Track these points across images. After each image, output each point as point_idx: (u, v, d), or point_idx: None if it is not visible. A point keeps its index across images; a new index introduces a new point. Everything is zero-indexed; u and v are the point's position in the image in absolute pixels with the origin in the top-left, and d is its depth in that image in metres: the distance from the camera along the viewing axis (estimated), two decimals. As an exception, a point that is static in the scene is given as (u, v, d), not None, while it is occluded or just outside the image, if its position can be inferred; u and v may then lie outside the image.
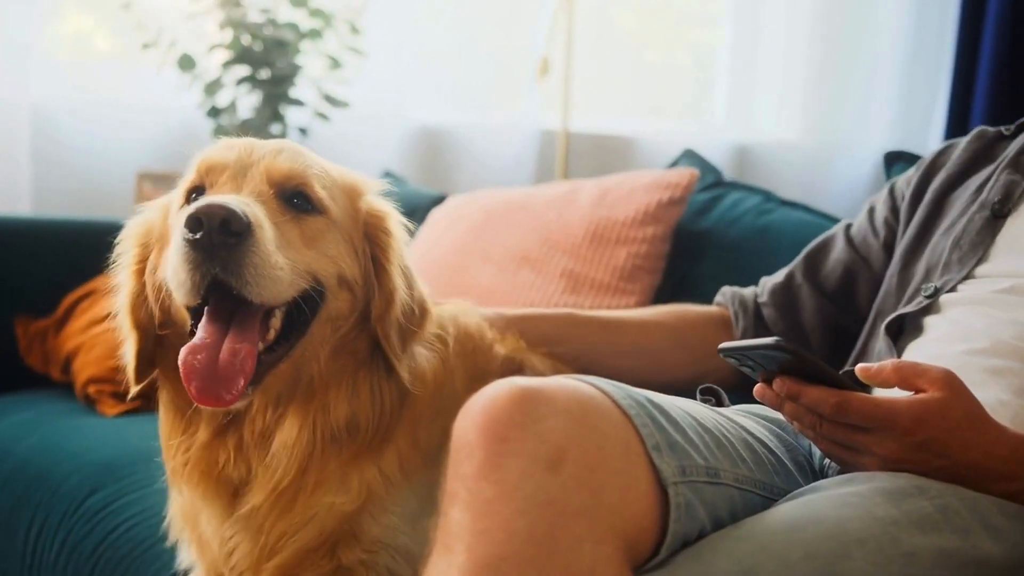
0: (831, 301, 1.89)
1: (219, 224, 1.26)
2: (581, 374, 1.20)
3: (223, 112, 3.18)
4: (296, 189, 1.41)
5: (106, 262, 2.71)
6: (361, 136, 3.50)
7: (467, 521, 1.06)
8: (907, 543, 1.10)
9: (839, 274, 1.89)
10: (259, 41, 3.16)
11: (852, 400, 1.19)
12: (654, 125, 3.92)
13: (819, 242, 1.97)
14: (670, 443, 1.16)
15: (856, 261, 1.88)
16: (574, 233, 2.49)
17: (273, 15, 3.18)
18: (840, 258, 1.90)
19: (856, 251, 1.89)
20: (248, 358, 1.33)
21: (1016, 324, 1.45)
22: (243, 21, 3.15)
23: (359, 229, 1.48)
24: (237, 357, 1.32)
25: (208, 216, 1.26)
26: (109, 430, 2.18)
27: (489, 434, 1.08)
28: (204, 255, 1.28)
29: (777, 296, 1.94)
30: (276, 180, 1.40)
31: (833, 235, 1.95)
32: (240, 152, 1.43)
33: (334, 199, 1.45)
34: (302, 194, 1.41)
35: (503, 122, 3.73)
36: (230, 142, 1.46)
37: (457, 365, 1.58)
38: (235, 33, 3.15)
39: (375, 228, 1.49)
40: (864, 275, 1.87)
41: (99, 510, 1.87)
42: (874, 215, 1.89)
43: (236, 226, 1.27)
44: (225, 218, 1.26)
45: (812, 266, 1.94)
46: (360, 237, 1.48)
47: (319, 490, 1.44)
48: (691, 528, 1.14)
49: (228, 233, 1.27)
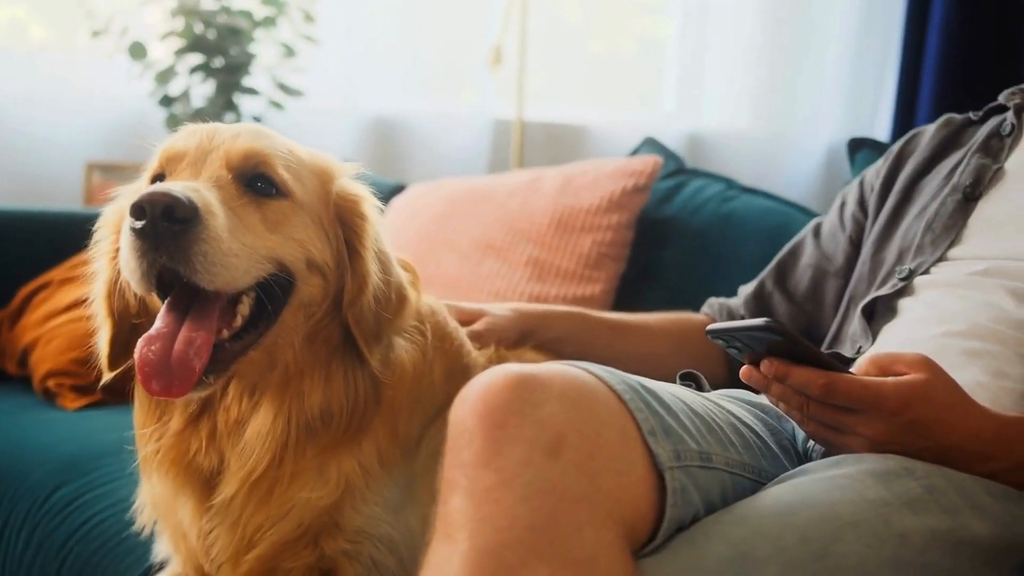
0: (801, 307, 1.93)
1: (162, 211, 1.24)
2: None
3: (176, 101, 3.13)
4: (256, 171, 1.38)
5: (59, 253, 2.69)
6: (315, 126, 3.46)
7: (468, 509, 1.05)
8: (898, 524, 1.11)
9: (808, 278, 1.93)
10: (212, 29, 3.11)
11: (840, 381, 1.20)
12: (607, 114, 3.91)
13: (789, 247, 2.01)
14: (664, 428, 1.16)
15: (823, 261, 1.91)
16: (539, 221, 2.49)
17: (227, 2, 3.14)
18: (809, 262, 1.94)
19: (823, 251, 1.92)
20: (204, 347, 1.31)
21: (991, 306, 1.47)
22: (196, 8, 3.10)
23: (330, 212, 1.45)
24: (192, 346, 1.30)
25: (151, 204, 1.24)
26: (72, 424, 2.15)
27: (487, 421, 1.08)
28: (149, 243, 1.25)
29: (751, 305, 1.98)
30: (235, 163, 1.37)
31: (802, 239, 1.99)
32: (201, 138, 1.41)
33: (301, 181, 1.42)
34: (264, 176, 1.38)
35: (457, 111, 3.71)
36: (194, 128, 1.44)
37: (436, 357, 1.56)
38: (188, 21, 3.09)
39: (348, 212, 1.46)
40: (832, 275, 1.89)
41: (67, 504, 1.83)
42: (844, 210, 1.91)
43: (181, 213, 1.24)
44: (168, 205, 1.24)
45: (782, 273, 1.97)
46: (331, 220, 1.45)
47: (296, 482, 1.42)
48: (686, 513, 1.15)
49: (173, 220, 1.24)
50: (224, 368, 1.35)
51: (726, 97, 4.02)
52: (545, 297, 2.38)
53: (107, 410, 2.22)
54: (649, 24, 4.28)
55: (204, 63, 3.13)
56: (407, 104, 3.68)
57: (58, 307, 2.46)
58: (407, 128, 3.66)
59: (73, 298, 2.43)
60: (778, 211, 2.42)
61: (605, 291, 2.41)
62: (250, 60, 3.17)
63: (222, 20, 3.11)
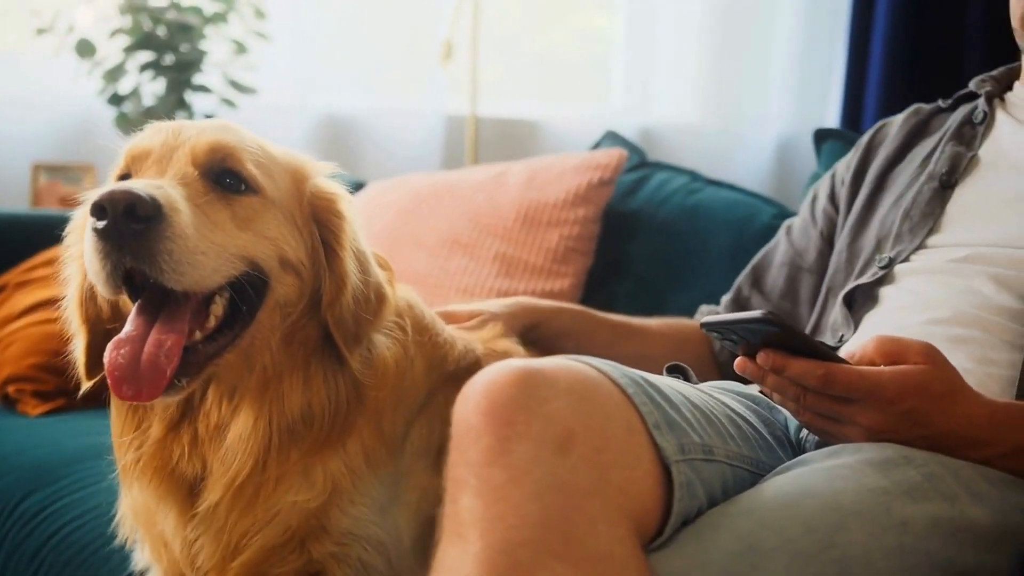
0: (778, 306, 1.94)
1: (123, 210, 1.20)
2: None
3: (126, 99, 3.06)
4: (223, 166, 1.34)
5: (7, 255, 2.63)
6: (266, 124, 3.37)
7: (478, 508, 1.03)
8: (899, 512, 1.11)
9: (783, 277, 1.94)
10: (162, 25, 3.05)
11: (838, 371, 1.20)
12: (560, 109, 3.91)
13: (763, 251, 2.02)
14: (668, 421, 1.15)
15: (796, 257, 1.93)
16: (505, 216, 2.47)
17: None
18: (783, 260, 1.95)
19: (795, 248, 1.93)
20: (174, 349, 1.27)
21: (974, 293, 1.48)
22: (145, 5, 3.04)
23: (304, 210, 1.42)
24: (162, 349, 1.27)
25: (111, 202, 1.20)
26: (36, 430, 2.09)
27: (494, 418, 1.06)
28: (112, 244, 1.22)
29: (730, 310, 1.99)
30: (201, 160, 1.33)
31: (776, 241, 2.00)
32: (167, 135, 1.37)
33: (271, 177, 1.38)
34: (231, 172, 1.34)
35: (409, 108, 3.67)
36: (160, 126, 1.40)
37: (416, 353, 1.53)
38: (136, 17, 3.03)
39: (324, 210, 1.43)
40: (805, 271, 1.91)
41: (36, 513, 1.79)
42: (815, 204, 1.92)
43: (143, 211, 1.20)
44: (130, 203, 1.20)
45: (757, 276, 1.99)
46: (305, 218, 1.41)
47: (281, 486, 1.38)
48: (691, 506, 1.14)
49: (134, 219, 1.20)
50: (197, 371, 1.31)
51: (676, 91, 4.03)
52: (513, 293, 2.35)
53: (71, 415, 2.17)
54: (598, 19, 4.27)
55: (154, 60, 3.07)
56: (359, 101, 3.65)
57: (14, 311, 2.40)
58: (360, 125, 3.62)
59: (31, 302, 2.38)
60: (744, 203, 2.43)
61: (573, 285, 2.40)
62: (201, 57, 3.11)
63: (172, 16, 3.05)
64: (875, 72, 3.83)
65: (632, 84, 3.98)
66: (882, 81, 3.80)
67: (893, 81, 3.78)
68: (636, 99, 3.98)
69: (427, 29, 3.65)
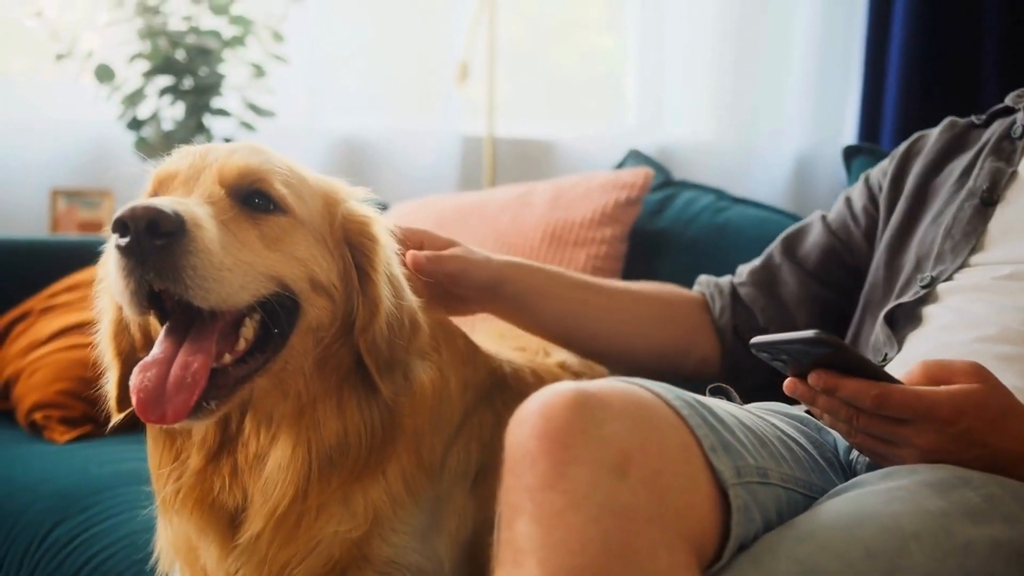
0: (812, 276, 1.89)
1: (146, 226, 1.18)
2: (579, 368, 1.14)
3: (145, 124, 3.06)
4: (253, 187, 1.32)
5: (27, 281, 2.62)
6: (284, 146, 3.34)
7: (536, 534, 1.01)
8: (961, 535, 1.09)
9: (818, 253, 1.90)
10: (181, 49, 3.05)
11: (893, 392, 1.18)
12: (575, 129, 3.90)
13: (795, 228, 1.97)
14: (724, 444, 1.13)
15: (836, 244, 1.89)
16: (531, 236, 2.46)
17: (195, 23, 3.08)
18: (818, 241, 1.91)
19: (835, 236, 1.89)
20: (201, 370, 1.25)
21: (1020, 310, 1.46)
22: (164, 29, 3.03)
23: (336, 233, 1.40)
24: (188, 371, 1.25)
25: (133, 219, 1.18)
26: (64, 457, 2.07)
27: (550, 441, 1.04)
28: (135, 260, 1.20)
29: (756, 275, 1.93)
30: (229, 180, 1.32)
31: (810, 222, 1.96)
32: (194, 158, 1.36)
33: (302, 198, 1.36)
34: (261, 192, 1.33)
35: (425, 129, 3.67)
36: (188, 149, 1.39)
37: (450, 373, 1.51)
38: (155, 42, 3.03)
39: (357, 234, 1.41)
40: (845, 258, 1.87)
41: (67, 542, 1.76)
42: (852, 205, 1.89)
43: (165, 226, 1.18)
44: (152, 219, 1.18)
45: (791, 247, 1.94)
46: (337, 241, 1.40)
47: (322, 516, 1.36)
48: (748, 530, 1.12)
49: (157, 235, 1.18)
50: (228, 394, 1.29)
51: (691, 109, 4.02)
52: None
53: (99, 442, 2.15)
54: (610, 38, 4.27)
55: (173, 85, 3.07)
56: (375, 123, 3.65)
57: (40, 337, 2.38)
58: (376, 147, 3.62)
59: (56, 328, 2.36)
60: (772, 221, 2.41)
61: (601, 306, 2.38)
62: (220, 81, 3.11)
63: (191, 41, 3.05)
64: (892, 86, 3.83)
65: (647, 103, 3.98)
66: (899, 95, 3.79)
67: (911, 95, 3.77)
68: (651, 117, 3.97)
69: (442, 51, 3.66)
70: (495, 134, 3.62)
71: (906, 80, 3.78)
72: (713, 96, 4.01)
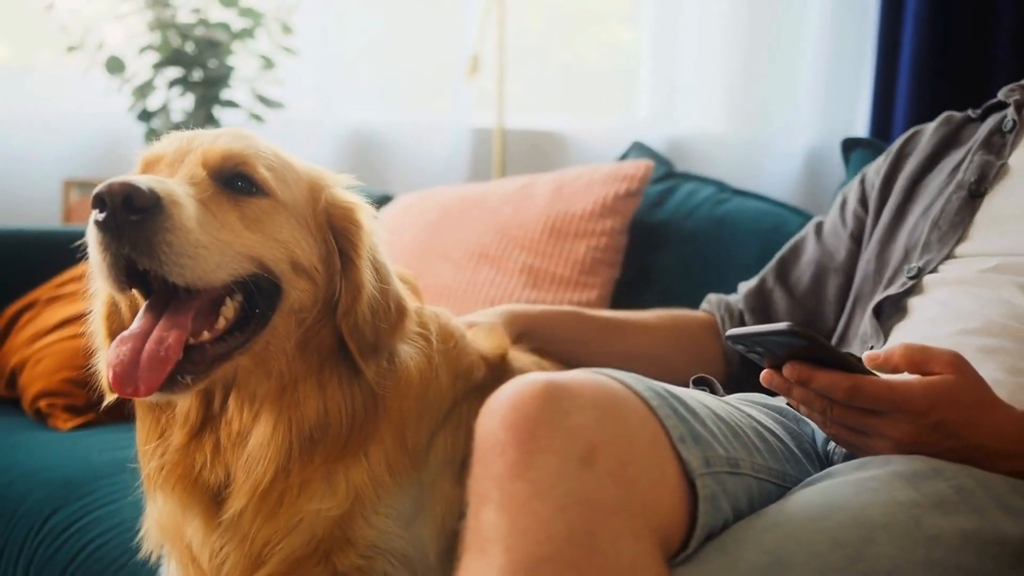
0: (802, 302, 1.92)
1: (122, 201, 1.20)
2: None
3: (155, 115, 3.08)
4: (235, 170, 1.35)
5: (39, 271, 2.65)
6: (293, 138, 3.41)
7: (502, 522, 1.02)
8: (930, 526, 1.10)
9: (810, 275, 1.92)
10: (190, 42, 3.07)
11: (866, 383, 1.19)
12: (587, 121, 3.90)
13: (790, 246, 2.00)
14: (693, 434, 1.14)
15: (825, 258, 1.91)
16: (532, 228, 2.47)
17: (204, 15, 3.10)
18: (811, 259, 1.93)
19: (825, 248, 1.92)
20: (175, 345, 1.28)
21: (1004, 303, 1.46)
22: (173, 22, 3.06)
23: (319, 217, 1.42)
24: (162, 345, 1.28)
25: (110, 194, 1.21)
26: (66, 445, 2.10)
27: (519, 431, 1.05)
28: (111, 235, 1.22)
29: (751, 300, 1.96)
30: (212, 163, 1.34)
31: (804, 236, 1.98)
32: (181, 141, 1.39)
33: (285, 182, 1.39)
34: (244, 176, 1.36)
35: (435, 121, 3.68)
36: (176, 134, 1.41)
37: (441, 363, 1.53)
38: (165, 34, 3.05)
39: (341, 219, 1.44)
40: (833, 271, 1.89)
41: (65, 528, 1.79)
42: (845, 207, 1.91)
43: (140, 202, 1.21)
44: (128, 195, 1.20)
45: (783, 270, 1.97)
46: (320, 225, 1.42)
47: (305, 493, 1.39)
48: (717, 520, 1.13)
49: (133, 210, 1.21)
50: (204, 370, 1.32)
51: (703, 102, 4.01)
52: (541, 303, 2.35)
53: (102, 429, 2.17)
54: (623, 30, 4.27)
55: (183, 76, 3.10)
56: (385, 115, 3.66)
57: (46, 326, 2.41)
58: (386, 139, 3.63)
59: (61, 317, 2.39)
60: (772, 213, 2.42)
61: (600, 296, 2.39)
62: (229, 73, 3.13)
63: (200, 33, 3.07)
64: (904, 80, 3.81)
65: (658, 95, 3.97)
66: (911, 89, 3.77)
67: (922, 89, 3.75)
68: (662, 110, 3.97)
69: (451, 42, 3.66)
70: (505, 126, 3.63)
71: (918, 74, 3.76)
72: (725, 89, 3.99)
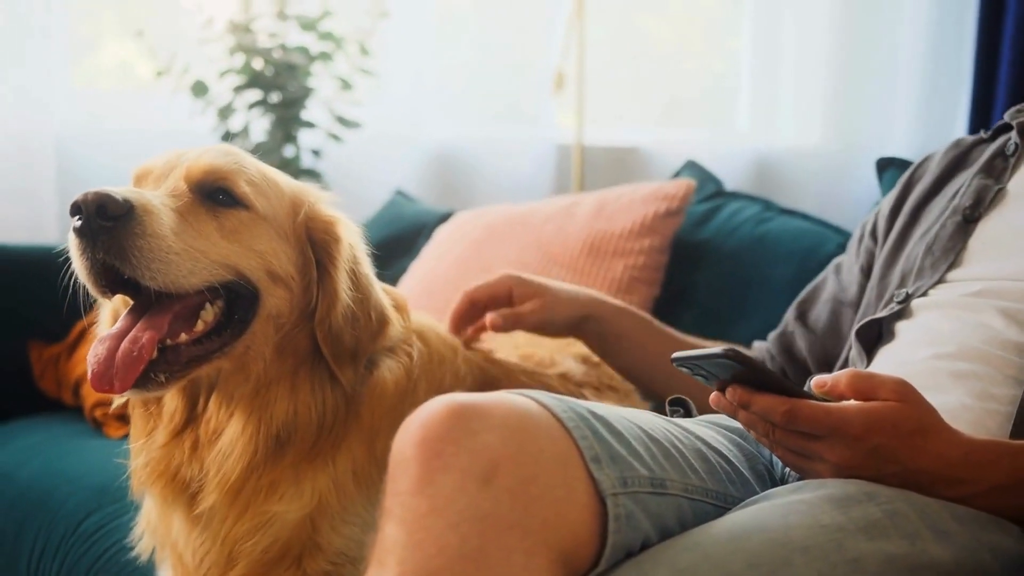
0: (821, 340, 1.92)
1: (96, 209, 1.31)
2: (581, 379, 1.18)
3: (236, 136, 3.21)
4: (216, 185, 1.44)
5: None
6: (374, 156, 3.51)
7: (400, 536, 1.07)
8: (852, 549, 1.09)
9: (827, 312, 1.92)
10: (270, 65, 3.19)
11: (801, 407, 1.19)
12: (671, 136, 3.89)
13: (811, 288, 2.01)
14: (611, 454, 1.16)
15: (840, 293, 1.91)
16: (572, 246, 2.50)
17: (282, 39, 3.22)
18: (828, 296, 1.94)
19: (841, 284, 1.92)
20: (148, 345, 1.36)
21: (983, 327, 1.44)
22: (253, 46, 3.19)
23: (298, 230, 1.50)
24: (136, 345, 1.36)
25: (85, 203, 1.31)
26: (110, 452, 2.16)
27: (424, 450, 1.09)
28: (87, 240, 1.32)
29: (776, 344, 1.99)
30: (194, 177, 1.43)
31: (824, 277, 1.99)
32: (169, 157, 1.49)
33: (266, 197, 1.47)
34: (225, 190, 1.44)
35: (517, 138, 3.71)
36: (169, 151, 1.52)
37: (420, 377, 1.59)
38: (246, 58, 3.18)
39: (321, 232, 1.52)
40: (847, 306, 1.88)
41: (94, 531, 1.89)
42: (860, 241, 1.90)
43: (113, 210, 1.31)
44: (102, 203, 1.30)
45: (803, 311, 1.98)
46: (299, 237, 1.50)
47: (273, 494, 1.47)
48: (633, 539, 1.14)
49: (106, 217, 1.31)
50: (179, 370, 1.41)
51: (795, 115, 3.97)
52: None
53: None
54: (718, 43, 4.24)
55: (262, 99, 3.21)
56: (466, 132, 3.71)
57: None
58: (467, 157, 3.68)
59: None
60: (812, 232, 2.39)
61: (638, 315, 2.40)
62: (307, 94, 3.24)
63: (279, 56, 3.19)
64: (1003, 90, 3.70)
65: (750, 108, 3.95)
66: (1008, 101, 3.67)
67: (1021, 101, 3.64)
68: (753, 123, 3.94)
69: (534, 58, 3.69)
70: (587, 142, 3.65)
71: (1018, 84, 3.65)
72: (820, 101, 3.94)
